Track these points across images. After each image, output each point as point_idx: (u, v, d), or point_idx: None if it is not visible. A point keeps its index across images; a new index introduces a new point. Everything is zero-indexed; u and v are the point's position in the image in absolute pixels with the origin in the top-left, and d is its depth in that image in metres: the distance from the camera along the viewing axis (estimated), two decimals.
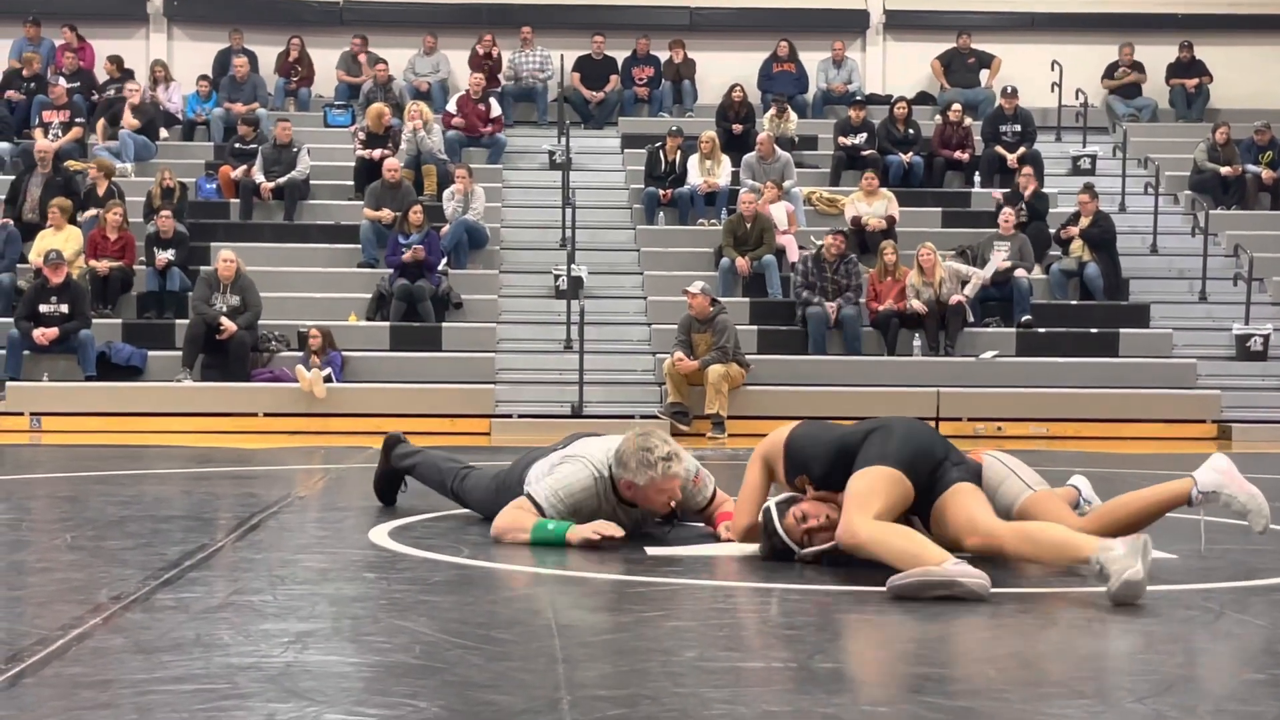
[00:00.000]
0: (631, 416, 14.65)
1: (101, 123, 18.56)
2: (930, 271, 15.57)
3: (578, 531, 5.33)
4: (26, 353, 14.69)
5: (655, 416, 14.55)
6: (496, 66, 20.07)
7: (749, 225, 16.33)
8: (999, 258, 16.12)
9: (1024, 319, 15.94)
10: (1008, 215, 16.48)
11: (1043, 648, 3.73)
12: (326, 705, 2.94)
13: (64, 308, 14.67)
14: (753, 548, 5.39)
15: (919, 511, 4.94)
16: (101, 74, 20.01)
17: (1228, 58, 21.02)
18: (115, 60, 19.93)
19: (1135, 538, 4.45)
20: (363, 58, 20.24)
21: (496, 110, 19.13)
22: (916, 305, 15.51)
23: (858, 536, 4.70)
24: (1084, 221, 16.61)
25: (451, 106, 19.05)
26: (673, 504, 5.52)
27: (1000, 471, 5.23)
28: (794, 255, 16.48)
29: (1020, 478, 5.21)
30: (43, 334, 14.55)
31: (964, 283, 15.77)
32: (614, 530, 5.32)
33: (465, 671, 3.33)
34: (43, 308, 14.71)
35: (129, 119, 18.45)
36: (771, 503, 5.12)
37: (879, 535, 4.67)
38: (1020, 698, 3.09)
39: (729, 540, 5.54)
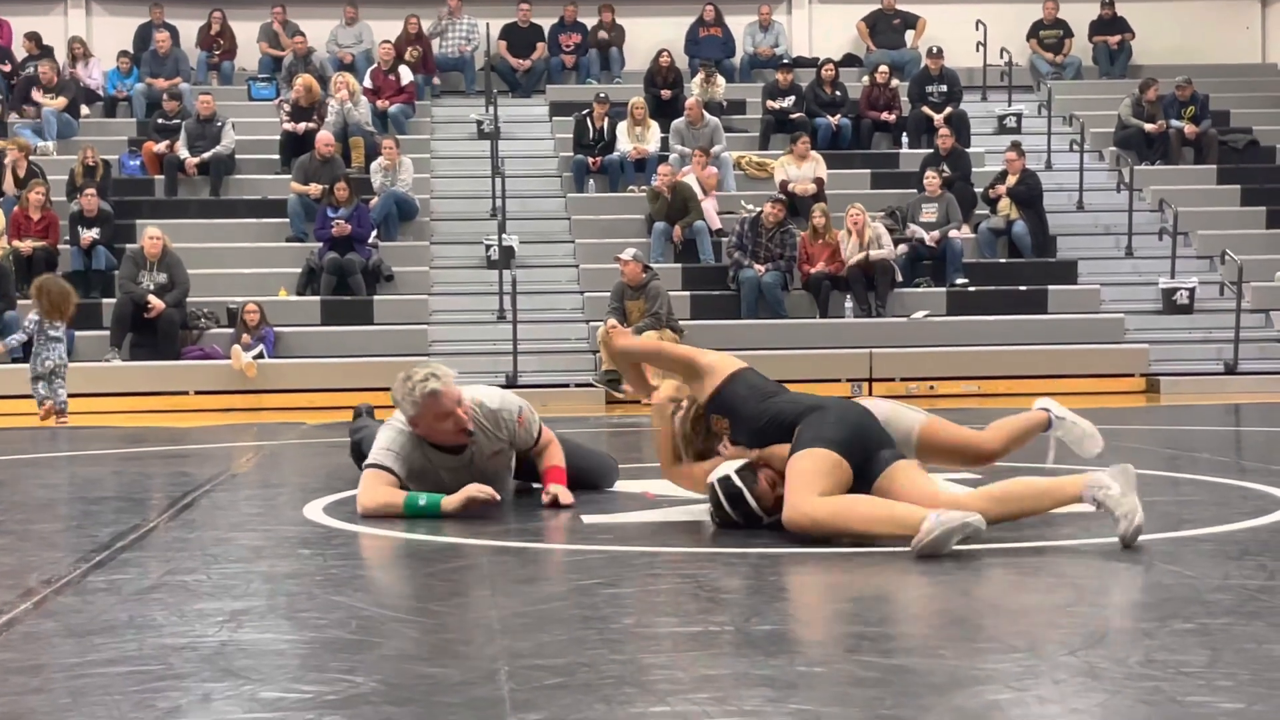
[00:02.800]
0: (566, 385, 14.68)
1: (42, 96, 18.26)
2: (859, 232, 15.64)
3: (451, 501, 5.32)
4: None
5: (590, 385, 14.56)
6: (426, 46, 19.90)
7: (669, 196, 16.32)
8: (923, 229, 16.17)
9: (958, 280, 16.03)
10: (932, 176, 16.57)
11: (976, 604, 3.77)
12: (262, 683, 2.93)
13: (67, 286, 14.40)
14: (688, 512, 5.40)
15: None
16: (20, 51, 19.69)
17: (1149, 14, 21.18)
18: (33, 37, 19.62)
19: (1122, 468, 4.53)
20: (283, 30, 20.03)
21: (407, 78, 18.95)
22: (878, 254, 15.52)
23: (813, 516, 4.63)
24: (1011, 180, 16.72)
25: (368, 81, 18.89)
26: (468, 430, 5.44)
27: (885, 407, 5.28)
28: (715, 222, 16.51)
29: (907, 409, 5.29)
30: None
31: (881, 245, 15.78)
32: (484, 494, 5.32)
33: (402, 645, 3.32)
34: None
35: (43, 98, 18.19)
36: (730, 471, 4.96)
37: (840, 508, 4.63)
38: (955, 654, 3.11)
39: (554, 501, 5.64)
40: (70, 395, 12.36)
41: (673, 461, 5.48)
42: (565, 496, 5.71)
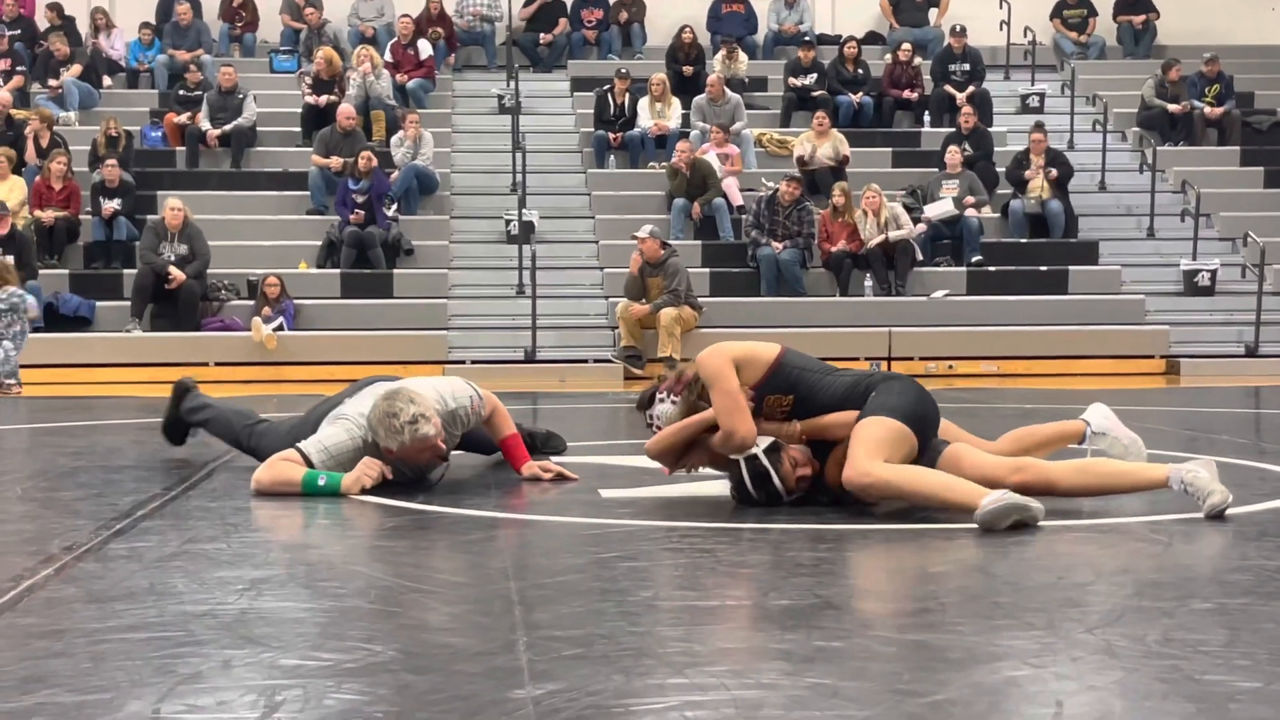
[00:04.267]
0: (584, 361, 14.68)
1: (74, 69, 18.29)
2: (876, 213, 15.60)
3: (351, 481, 5.19)
4: None
5: (608, 360, 14.57)
6: (449, 27, 19.88)
7: (688, 172, 16.29)
8: (941, 207, 16.12)
9: (974, 259, 16.00)
10: (953, 153, 16.52)
11: (994, 582, 3.77)
12: (282, 650, 2.94)
13: (9, 259, 14.50)
14: (707, 488, 5.41)
15: None
16: (43, 22, 19.71)
17: None
18: (55, 8, 19.62)
19: (1207, 461, 4.76)
20: (305, 2, 20.01)
21: (426, 52, 18.91)
22: (897, 235, 15.50)
23: (879, 476, 4.68)
24: (1036, 159, 16.64)
25: (388, 55, 18.87)
26: (444, 455, 5.38)
27: None
28: (737, 199, 16.48)
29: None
30: None
31: (900, 225, 15.74)
32: (377, 470, 5.22)
33: (421, 615, 3.33)
34: None
35: (69, 70, 18.24)
36: (758, 450, 4.93)
37: (903, 474, 4.71)
38: (972, 630, 3.12)
39: (536, 478, 5.58)
40: (90, 365, 12.39)
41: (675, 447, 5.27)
42: (546, 472, 5.65)
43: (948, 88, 18.58)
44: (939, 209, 16.16)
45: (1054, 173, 16.56)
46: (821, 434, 5.01)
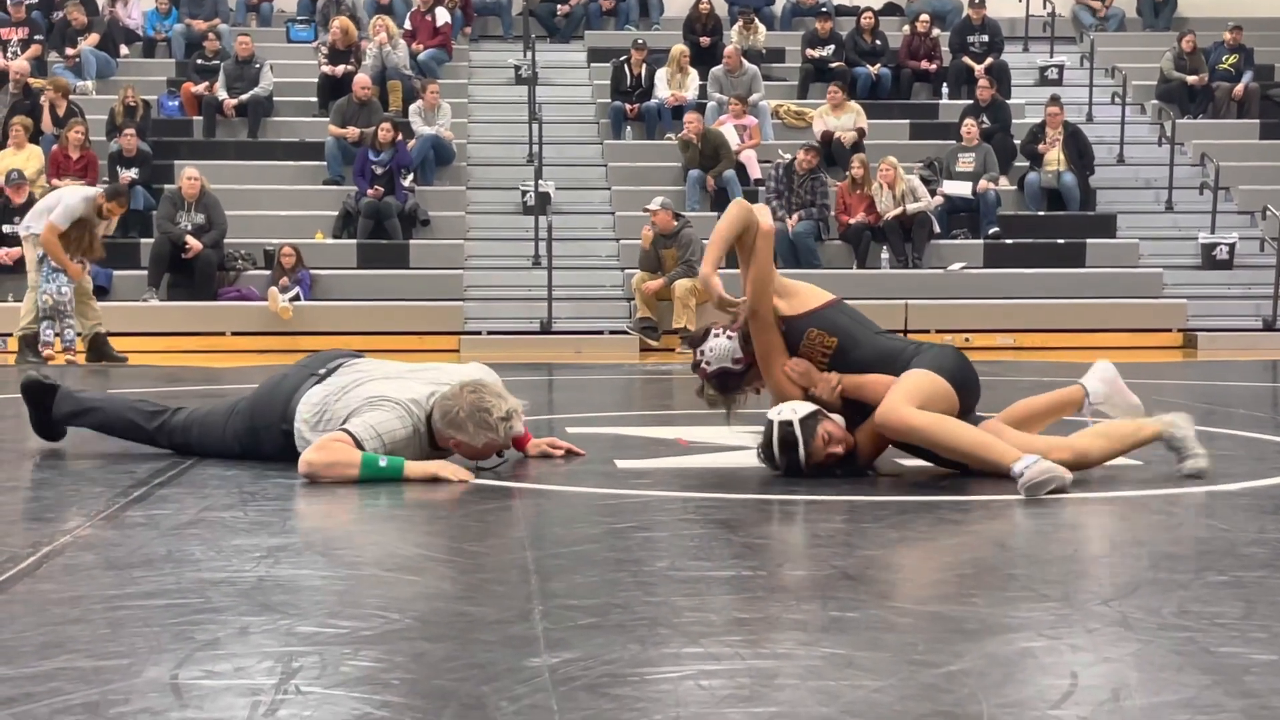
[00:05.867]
0: (600, 332, 14.68)
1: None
2: (891, 186, 15.57)
3: (416, 469, 4.88)
4: None
5: (624, 332, 14.57)
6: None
7: (699, 144, 16.25)
8: (960, 188, 16.07)
9: (991, 230, 15.97)
10: (970, 126, 16.46)
11: (1010, 554, 3.77)
12: (299, 617, 2.96)
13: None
14: (722, 458, 5.41)
15: None
16: None
17: None
18: None
19: (1185, 415, 4.99)
20: None
21: (443, 19, 18.84)
22: (915, 208, 15.47)
23: (911, 421, 4.70)
24: (1053, 134, 16.58)
25: (406, 23, 18.83)
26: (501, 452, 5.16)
27: None
28: (755, 171, 16.44)
29: None
30: (6, 254, 14.45)
31: (918, 198, 15.70)
32: (465, 475, 4.92)
33: (438, 584, 3.34)
34: (5, 228, 14.58)
35: (87, 39, 18.24)
36: (794, 418, 4.88)
37: (939, 422, 4.73)
38: (987, 602, 3.12)
39: (545, 455, 5.48)
40: (109, 334, 12.42)
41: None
42: (555, 449, 5.55)
43: (966, 59, 18.51)
44: (957, 188, 16.11)
45: (1048, 145, 16.43)
46: (858, 392, 4.97)
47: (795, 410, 4.91)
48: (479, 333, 14.68)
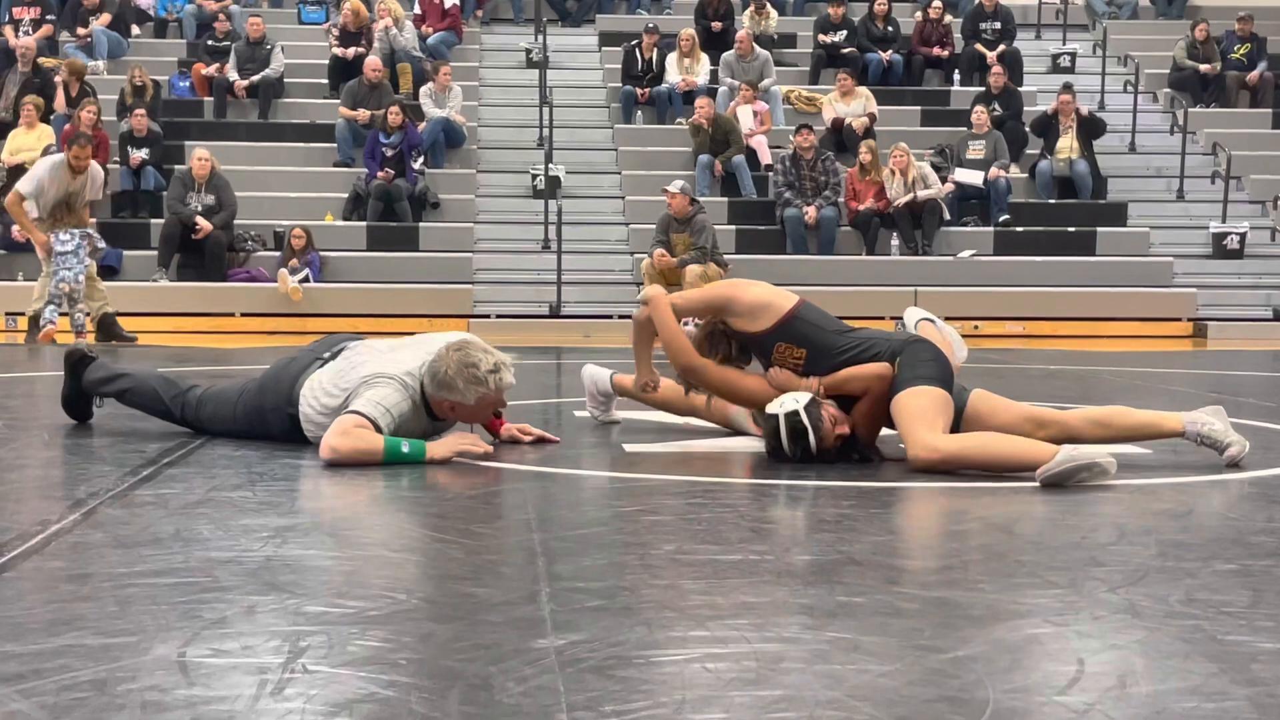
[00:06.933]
0: (609, 316, 14.68)
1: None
2: (903, 172, 15.54)
3: (438, 449, 4.92)
4: (1, 252, 14.63)
5: (632, 316, 14.55)
6: None
7: (710, 129, 16.23)
8: (972, 177, 16.03)
9: (1002, 218, 15.94)
10: (980, 113, 16.42)
11: (1018, 541, 3.77)
12: (307, 597, 2.96)
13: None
14: (730, 443, 5.41)
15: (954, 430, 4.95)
16: None
17: None
18: None
19: (1216, 409, 5.05)
20: None
21: (451, 1, 18.81)
22: (925, 194, 15.43)
23: (945, 450, 4.72)
24: (1067, 121, 16.53)
25: (416, 7, 18.81)
26: (499, 414, 5.19)
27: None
28: (766, 157, 16.42)
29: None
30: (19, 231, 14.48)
31: (928, 185, 15.67)
32: (482, 448, 4.99)
33: (445, 565, 3.34)
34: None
35: (98, 18, 18.24)
36: (799, 407, 4.90)
37: (970, 444, 4.76)
38: (995, 588, 3.12)
39: (515, 440, 5.42)
40: (118, 314, 12.42)
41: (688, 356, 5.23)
42: (525, 435, 5.46)
43: (978, 46, 18.46)
44: (968, 176, 16.08)
45: (1065, 134, 16.39)
46: (840, 388, 5.01)
47: (796, 400, 4.94)
48: (488, 316, 14.69)
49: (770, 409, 4.97)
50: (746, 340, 5.19)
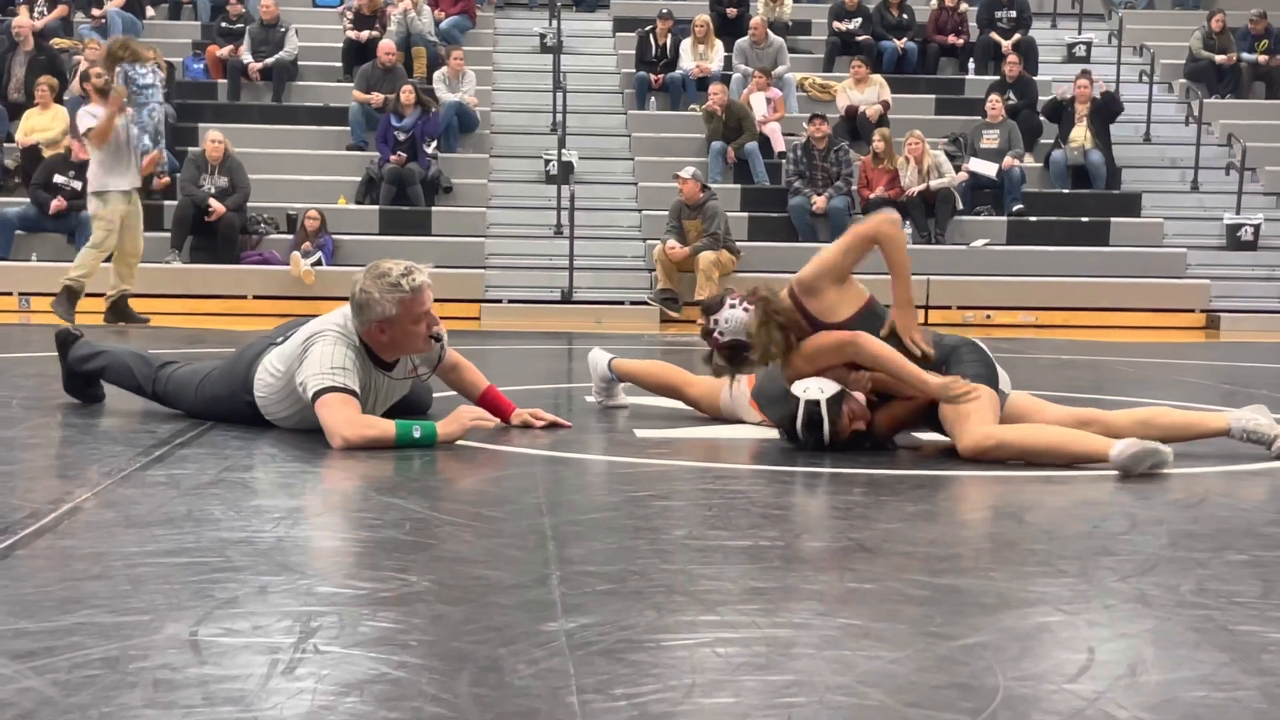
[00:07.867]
0: (621, 303, 14.68)
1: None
2: (918, 160, 15.51)
3: (449, 429, 4.91)
4: (19, 232, 14.68)
5: (645, 303, 14.56)
6: None
7: (723, 115, 16.21)
8: (986, 168, 16.00)
9: (1016, 208, 15.91)
10: (994, 102, 16.39)
11: (1029, 530, 3.77)
12: (318, 579, 2.97)
13: (77, 184, 14.51)
14: (741, 430, 5.42)
15: None
16: None
17: None
18: None
19: (1258, 407, 5.07)
20: None
21: None
22: (939, 183, 15.41)
23: (997, 437, 4.75)
24: (1082, 109, 16.49)
25: None
26: (437, 334, 5.13)
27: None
28: (779, 144, 16.39)
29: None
30: (56, 204, 14.57)
31: (942, 174, 15.66)
32: (472, 414, 5.01)
33: (456, 547, 3.35)
34: (59, 178, 14.66)
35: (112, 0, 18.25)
36: (821, 397, 4.89)
37: (1026, 433, 4.79)
38: (1005, 576, 3.12)
39: (527, 425, 5.40)
40: (131, 296, 12.42)
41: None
42: (538, 420, 5.46)
43: (993, 35, 18.42)
44: (982, 166, 16.05)
45: (1078, 122, 16.33)
46: (884, 385, 5.01)
47: (823, 389, 4.91)
48: (500, 301, 14.69)
49: (795, 390, 4.95)
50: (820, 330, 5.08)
